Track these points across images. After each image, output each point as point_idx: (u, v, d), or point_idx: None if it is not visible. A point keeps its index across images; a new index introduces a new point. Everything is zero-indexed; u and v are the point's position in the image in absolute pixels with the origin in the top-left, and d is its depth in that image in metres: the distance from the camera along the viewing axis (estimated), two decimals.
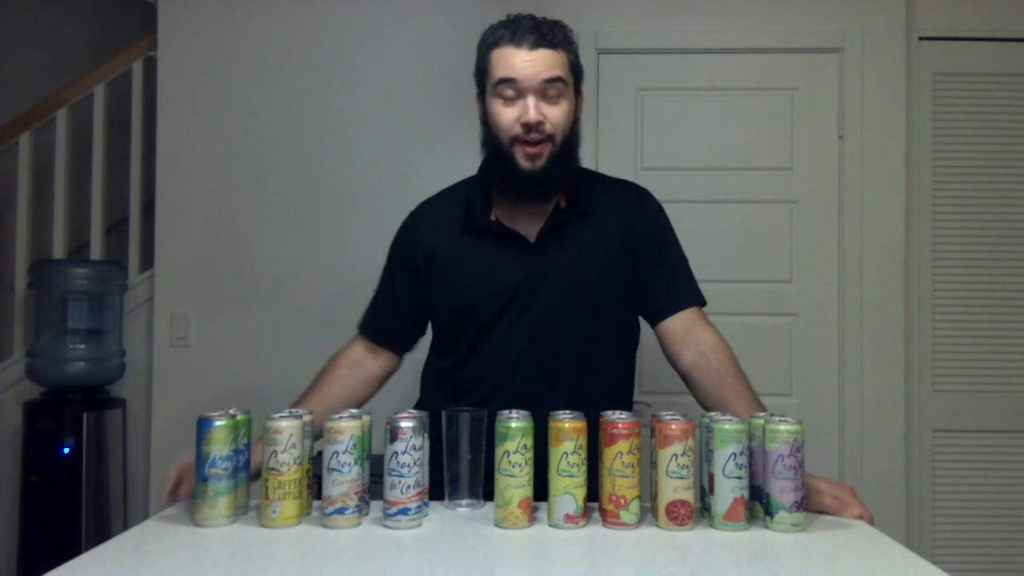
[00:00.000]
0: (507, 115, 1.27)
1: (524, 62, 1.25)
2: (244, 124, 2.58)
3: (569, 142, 1.32)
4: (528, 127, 1.26)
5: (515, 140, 1.28)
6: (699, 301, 1.39)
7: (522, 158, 1.28)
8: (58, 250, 2.68)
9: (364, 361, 1.44)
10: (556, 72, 1.26)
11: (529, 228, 1.35)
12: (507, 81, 1.26)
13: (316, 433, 1.18)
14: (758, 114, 2.55)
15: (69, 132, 2.69)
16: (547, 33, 1.26)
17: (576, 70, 1.32)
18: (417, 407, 1.37)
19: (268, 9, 2.58)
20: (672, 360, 1.36)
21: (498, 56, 1.27)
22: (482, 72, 1.32)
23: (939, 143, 2.55)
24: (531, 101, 1.25)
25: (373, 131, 2.57)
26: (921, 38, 2.55)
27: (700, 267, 1.47)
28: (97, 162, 2.68)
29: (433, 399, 1.40)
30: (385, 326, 1.45)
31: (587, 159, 2.50)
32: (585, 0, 2.53)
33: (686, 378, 1.34)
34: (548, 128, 1.27)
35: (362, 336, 1.46)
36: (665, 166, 2.53)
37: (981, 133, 2.56)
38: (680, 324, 1.35)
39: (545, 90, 1.26)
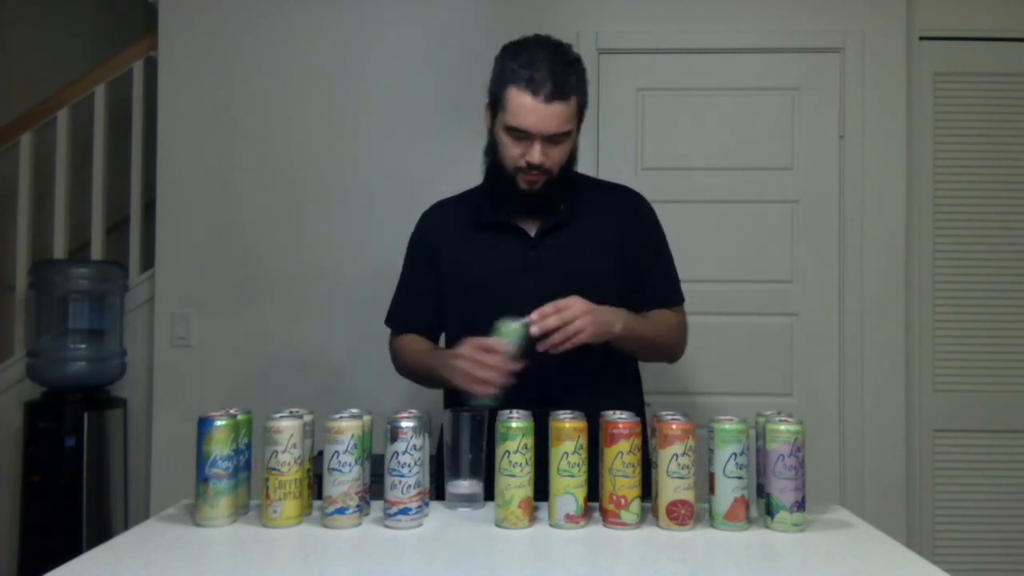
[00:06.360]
0: (514, 150, 1.38)
1: (537, 115, 1.33)
2: (244, 124, 2.58)
3: (565, 168, 1.43)
4: (531, 165, 1.37)
5: (518, 170, 1.39)
6: (677, 301, 1.54)
7: (522, 183, 1.41)
8: (59, 250, 2.68)
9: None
10: (565, 127, 1.37)
11: (530, 227, 1.46)
12: (519, 129, 1.35)
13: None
14: (758, 114, 2.54)
15: (70, 132, 2.69)
16: (562, 83, 1.33)
17: (582, 108, 1.41)
18: (449, 402, 1.44)
19: (269, 9, 2.58)
20: None
21: (514, 96, 1.34)
22: (495, 97, 1.40)
23: (939, 143, 2.55)
24: (537, 147, 1.36)
25: (374, 131, 2.57)
26: (921, 38, 2.55)
27: (700, 267, 1.49)
28: (98, 162, 2.68)
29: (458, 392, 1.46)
30: (417, 314, 1.54)
31: (587, 159, 2.52)
32: (586, 0, 2.54)
33: None
34: (548, 166, 1.38)
35: (397, 333, 1.55)
36: (665, 166, 2.53)
37: (981, 133, 2.55)
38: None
39: (552, 138, 1.36)
